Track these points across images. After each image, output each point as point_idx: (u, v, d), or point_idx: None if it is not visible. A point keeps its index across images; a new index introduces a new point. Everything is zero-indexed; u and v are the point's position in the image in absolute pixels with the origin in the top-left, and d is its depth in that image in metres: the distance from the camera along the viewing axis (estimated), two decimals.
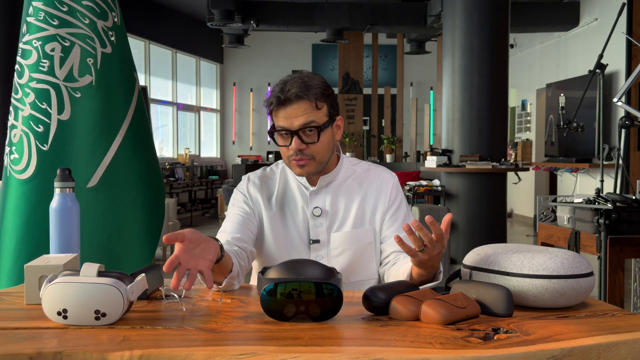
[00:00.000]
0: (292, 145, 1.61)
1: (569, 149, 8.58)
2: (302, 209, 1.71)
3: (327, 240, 1.69)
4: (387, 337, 1.09)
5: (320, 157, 1.65)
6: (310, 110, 1.60)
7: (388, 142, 10.60)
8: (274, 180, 1.76)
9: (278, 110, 1.61)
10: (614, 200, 2.77)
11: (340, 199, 1.72)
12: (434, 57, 10.96)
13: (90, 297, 1.15)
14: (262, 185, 1.75)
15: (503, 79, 6.47)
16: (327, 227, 1.70)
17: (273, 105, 1.61)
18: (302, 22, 9.00)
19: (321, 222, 1.70)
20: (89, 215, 2.00)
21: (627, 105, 3.05)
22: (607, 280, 2.78)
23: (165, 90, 11.30)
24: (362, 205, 1.72)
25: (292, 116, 1.60)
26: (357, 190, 1.73)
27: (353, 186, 1.74)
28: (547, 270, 1.26)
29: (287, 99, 1.59)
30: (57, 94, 2.03)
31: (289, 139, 1.61)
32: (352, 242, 1.69)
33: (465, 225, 6.45)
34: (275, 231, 1.71)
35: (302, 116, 1.59)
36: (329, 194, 1.72)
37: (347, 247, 1.69)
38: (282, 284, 1.19)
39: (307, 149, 1.62)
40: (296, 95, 1.59)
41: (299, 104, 1.59)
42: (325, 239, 1.69)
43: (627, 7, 6.95)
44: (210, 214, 11.53)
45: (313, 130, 1.61)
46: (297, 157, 1.62)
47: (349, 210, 1.71)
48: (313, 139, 1.62)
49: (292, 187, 1.74)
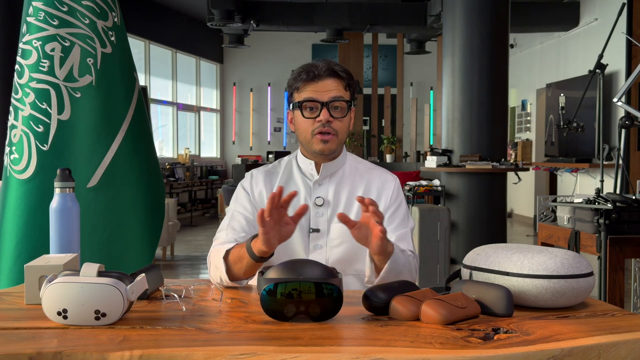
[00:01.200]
0: (321, 116, 1.65)
1: (569, 149, 8.58)
2: (305, 199, 1.73)
3: (327, 230, 1.71)
4: (387, 337, 1.09)
5: (341, 135, 1.70)
6: (340, 87, 1.68)
7: (388, 142, 10.60)
8: (276, 175, 1.78)
9: (307, 85, 1.66)
10: (614, 200, 2.77)
11: (343, 191, 1.74)
12: (434, 57, 10.96)
13: (90, 297, 1.15)
14: (265, 180, 1.76)
15: (503, 79, 6.47)
16: (329, 218, 1.72)
17: (302, 79, 1.66)
18: (302, 22, 9.00)
19: (322, 212, 1.72)
20: (89, 215, 2.00)
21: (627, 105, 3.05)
22: (607, 280, 2.78)
23: (165, 90, 11.30)
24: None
25: (322, 89, 1.66)
26: (359, 185, 1.75)
27: (356, 181, 1.76)
28: (547, 270, 1.26)
29: (319, 74, 1.66)
30: (57, 94, 2.03)
31: (316, 112, 1.66)
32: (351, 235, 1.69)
33: (465, 225, 6.45)
34: None
35: (333, 91, 1.66)
36: (332, 185, 1.74)
37: (347, 239, 1.68)
38: (282, 284, 1.19)
39: (334, 122, 1.66)
40: (329, 71, 1.66)
41: (331, 79, 1.66)
42: (325, 228, 1.71)
43: (627, 7, 6.95)
44: (210, 214, 11.53)
45: (341, 106, 1.67)
46: (324, 129, 1.65)
47: (351, 203, 1.73)
48: (341, 114, 1.67)
49: (296, 178, 1.76)
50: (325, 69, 1.66)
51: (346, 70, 1.71)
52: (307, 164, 1.75)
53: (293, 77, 1.70)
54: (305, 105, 1.66)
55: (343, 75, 1.69)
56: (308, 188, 1.74)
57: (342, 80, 1.68)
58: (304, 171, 1.76)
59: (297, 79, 1.68)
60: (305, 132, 1.69)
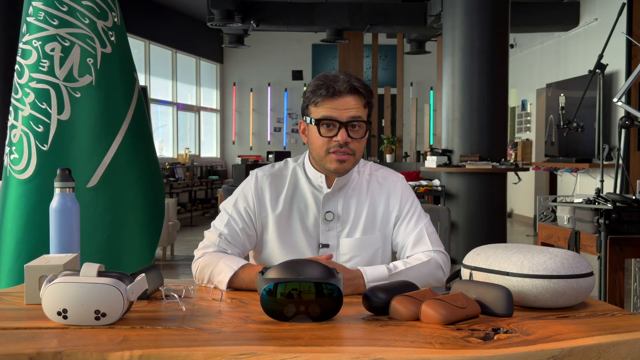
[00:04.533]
0: (339, 136, 1.59)
1: (569, 149, 8.58)
2: (314, 212, 1.69)
3: (336, 245, 1.68)
4: (387, 337, 1.09)
5: (358, 155, 1.65)
6: (360, 106, 1.62)
7: (388, 142, 10.59)
8: (283, 180, 1.72)
9: (326, 101, 1.60)
10: (614, 200, 2.77)
11: (352, 204, 1.70)
12: (434, 57, 10.96)
13: (90, 297, 1.15)
14: (270, 183, 1.72)
15: (503, 79, 6.46)
16: (338, 232, 1.68)
17: (322, 95, 1.59)
18: (302, 22, 8.99)
19: (332, 227, 1.68)
20: (89, 215, 2.00)
21: (627, 105, 3.05)
22: (607, 280, 2.77)
23: (165, 90, 11.30)
24: (372, 210, 1.70)
25: (342, 108, 1.59)
26: (365, 194, 1.71)
27: (362, 190, 1.72)
28: (547, 270, 1.26)
29: (339, 91, 1.59)
30: (57, 94, 2.03)
31: (334, 130, 1.60)
32: (361, 249, 1.68)
33: (465, 225, 6.45)
34: (281, 231, 1.69)
35: (353, 109, 1.60)
36: (341, 198, 1.70)
37: (356, 254, 1.67)
38: (282, 284, 1.19)
39: (352, 143, 1.61)
40: (350, 88, 1.60)
41: (351, 97, 1.60)
42: (335, 243, 1.68)
43: (627, 7, 6.94)
44: (210, 214, 11.52)
45: (361, 126, 1.61)
46: (342, 149, 1.60)
47: (359, 216, 1.69)
48: (359, 135, 1.62)
49: (304, 188, 1.71)
50: (346, 85, 1.59)
51: (366, 86, 1.64)
52: (317, 176, 1.69)
53: (311, 89, 1.63)
54: (323, 122, 1.60)
55: (363, 92, 1.62)
56: (317, 201, 1.70)
57: (362, 97, 1.62)
58: (313, 182, 1.71)
59: (316, 93, 1.61)
60: (320, 149, 1.63)
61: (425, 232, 1.68)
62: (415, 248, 1.67)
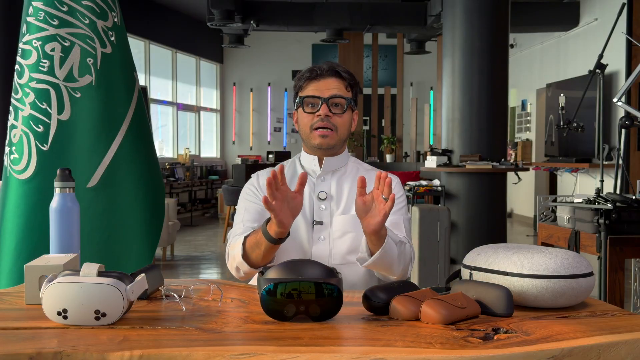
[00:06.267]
0: (320, 111, 1.72)
1: (569, 149, 8.58)
2: (309, 193, 1.78)
3: (329, 222, 1.76)
4: (387, 337, 1.09)
5: (341, 131, 1.77)
6: (341, 87, 1.76)
7: (388, 142, 10.59)
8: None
9: (310, 83, 1.76)
10: (614, 200, 2.77)
11: (345, 185, 1.80)
12: (434, 57, 10.96)
13: (90, 297, 1.15)
14: None
15: (503, 79, 6.46)
16: (331, 211, 1.78)
17: (306, 78, 1.76)
18: (302, 22, 8.99)
19: (325, 206, 1.78)
20: (89, 215, 2.00)
21: (627, 105, 3.05)
22: (607, 280, 2.77)
23: (165, 90, 11.30)
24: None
25: (323, 87, 1.74)
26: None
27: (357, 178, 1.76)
28: (547, 270, 1.26)
29: (321, 73, 1.75)
30: (57, 94, 2.03)
31: (316, 108, 1.74)
32: (355, 226, 1.73)
33: (465, 225, 6.45)
34: None
35: (334, 89, 1.75)
36: (334, 180, 1.81)
37: (349, 230, 1.75)
38: (282, 284, 1.19)
39: (333, 117, 1.74)
40: (331, 71, 1.76)
41: (333, 79, 1.76)
42: (328, 221, 1.77)
43: (627, 7, 6.95)
44: (210, 214, 11.52)
45: (341, 103, 1.75)
46: (323, 123, 1.73)
47: (352, 197, 1.77)
48: (341, 110, 1.75)
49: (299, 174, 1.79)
50: (328, 68, 1.76)
51: (349, 72, 1.79)
52: (310, 160, 1.82)
53: (297, 77, 1.80)
54: (307, 101, 1.75)
55: (345, 75, 1.77)
56: (311, 183, 1.80)
57: (344, 80, 1.77)
58: (307, 167, 1.83)
59: (301, 78, 1.77)
60: (305, 127, 1.77)
61: (403, 223, 1.77)
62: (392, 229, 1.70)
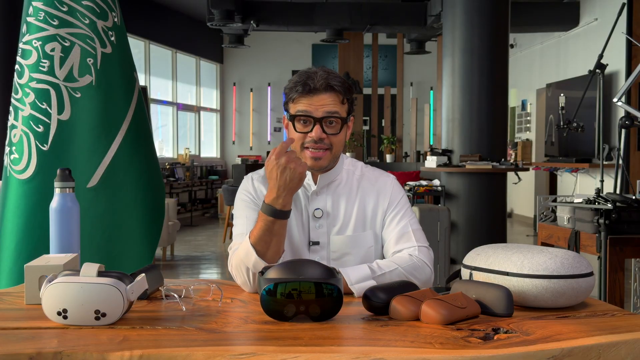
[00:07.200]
0: (313, 132, 1.60)
1: (569, 149, 8.58)
2: (304, 210, 1.69)
3: (327, 242, 1.68)
4: (387, 337, 1.09)
5: (336, 149, 1.65)
6: (336, 102, 1.62)
7: (388, 142, 10.59)
8: None
9: (302, 97, 1.61)
10: (614, 200, 2.77)
11: (341, 201, 1.70)
12: (434, 57, 10.96)
13: (90, 297, 1.15)
14: (264, 184, 1.72)
15: (503, 79, 6.46)
16: (327, 229, 1.68)
17: (298, 92, 1.61)
18: (302, 22, 8.99)
19: (322, 224, 1.68)
20: (89, 216, 2.00)
21: (627, 105, 3.05)
22: (607, 280, 2.77)
23: (165, 90, 11.30)
24: (362, 209, 1.70)
25: (317, 103, 1.60)
26: (356, 192, 1.71)
27: (353, 188, 1.72)
28: (547, 270, 1.26)
29: (315, 88, 1.60)
30: (57, 94, 2.03)
31: (309, 126, 1.61)
32: (353, 246, 1.67)
33: (465, 225, 6.45)
34: None
35: (328, 106, 1.61)
36: (329, 195, 1.70)
37: (348, 251, 1.67)
38: (282, 284, 1.19)
39: (327, 138, 1.62)
40: (326, 85, 1.61)
41: (327, 94, 1.61)
42: (325, 241, 1.68)
43: (627, 7, 6.94)
44: (210, 214, 11.52)
45: (336, 122, 1.62)
46: (316, 145, 1.61)
47: (350, 214, 1.69)
48: (335, 130, 1.63)
49: None
50: (322, 82, 1.60)
51: (344, 83, 1.64)
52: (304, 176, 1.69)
53: (290, 85, 1.64)
54: (299, 118, 1.61)
55: (340, 89, 1.62)
56: (306, 198, 1.70)
57: (339, 94, 1.62)
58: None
59: (293, 89, 1.62)
60: (297, 144, 1.63)
61: (410, 227, 1.68)
62: (399, 244, 1.66)
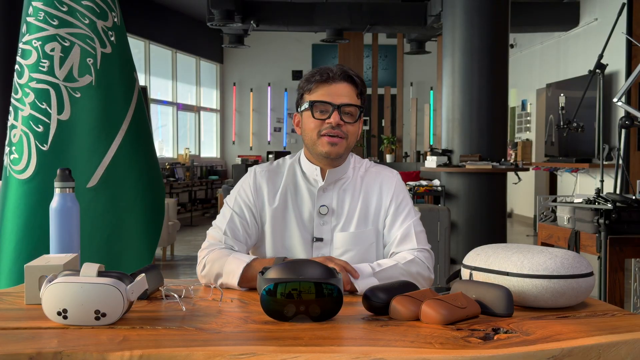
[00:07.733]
0: (332, 118, 1.63)
1: (569, 149, 8.58)
2: (309, 207, 1.70)
3: (330, 239, 1.68)
4: (387, 337, 1.09)
5: (350, 139, 1.68)
6: (353, 94, 1.67)
7: (388, 142, 10.59)
8: (280, 176, 1.74)
9: (320, 86, 1.65)
10: (614, 200, 2.77)
11: (346, 198, 1.71)
12: (434, 57, 10.96)
13: (90, 297, 1.15)
14: (268, 178, 1.73)
15: (503, 79, 6.46)
16: (332, 227, 1.69)
17: (316, 80, 1.65)
18: (302, 22, 8.99)
19: (326, 221, 1.69)
20: (89, 215, 2.00)
21: (627, 105, 3.04)
22: (607, 280, 2.77)
23: (165, 90, 11.30)
24: (365, 205, 1.71)
25: (335, 93, 1.65)
26: (360, 189, 1.73)
27: (357, 185, 1.73)
28: (547, 270, 1.26)
29: (334, 77, 1.65)
30: (56, 94, 2.03)
31: (326, 114, 1.64)
32: (355, 243, 1.68)
33: (465, 225, 6.45)
34: (276, 226, 1.69)
35: (346, 96, 1.65)
36: (335, 192, 1.71)
37: (350, 248, 1.68)
38: (282, 284, 1.19)
39: (344, 126, 1.65)
40: (343, 75, 1.67)
41: (345, 84, 1.66)
42: (329, 237, 1.68)
43: (627, 7, 6.94)
44: (210, 214, 11.52)
45: (352, 112, 1.66)
46: (334, 131, 1.64)
47: (353, 210, 1.70)
48: (352, 119, 1.66)
49: (299, 183, 1.73)
50: (340, 72, 1.66)
51: (360, 77, 1.70)
52: (312, 170, 1.71)
53: (306, 78, 1.69)
54: (317, 106, 1.65)
55: (357, 81, 1.68)
56: (312, 195, 1.71)
57: (356, 86, 1.68)
58: (308, 176, 1.73)
59: (310, 80, 1.67)
60: (312, 132, 1.66)
61: (412, 229, 1.70)
62: (402, 245, 1.68)
